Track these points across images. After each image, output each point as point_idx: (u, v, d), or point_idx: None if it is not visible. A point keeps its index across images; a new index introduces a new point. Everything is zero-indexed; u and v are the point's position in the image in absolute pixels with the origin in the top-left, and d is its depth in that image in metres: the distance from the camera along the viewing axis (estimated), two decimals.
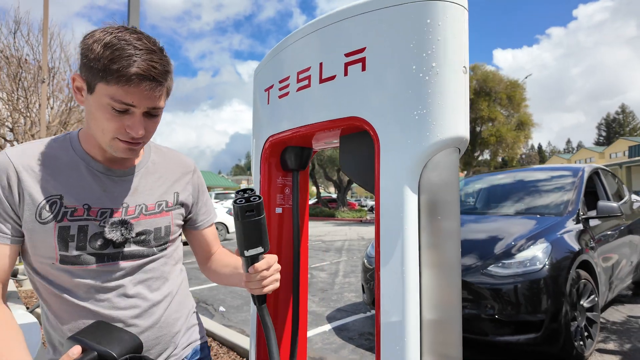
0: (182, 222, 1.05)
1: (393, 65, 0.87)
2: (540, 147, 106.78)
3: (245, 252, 0.86)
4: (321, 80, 1.01)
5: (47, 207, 0.84)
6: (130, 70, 0.77)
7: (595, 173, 4.36)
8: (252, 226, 0.84)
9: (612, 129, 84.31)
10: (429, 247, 0.84)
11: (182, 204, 1.02)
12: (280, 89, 1.16)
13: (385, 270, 0.86)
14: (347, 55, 0.95)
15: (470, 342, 3.26)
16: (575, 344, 2.89)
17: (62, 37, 13.92)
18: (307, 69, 1.05)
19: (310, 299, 4.89)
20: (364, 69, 0.92)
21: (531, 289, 2.78)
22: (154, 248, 0.96)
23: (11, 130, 13.00)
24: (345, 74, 0.95)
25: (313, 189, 33.03)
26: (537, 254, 2.92)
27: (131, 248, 0.91)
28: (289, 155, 1.21)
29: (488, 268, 2.94)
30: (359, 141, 1.00)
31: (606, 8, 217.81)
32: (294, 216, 1.22)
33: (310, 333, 3.71)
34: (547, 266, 2.85)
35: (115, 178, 0.92)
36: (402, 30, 0.86)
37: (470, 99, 21.59)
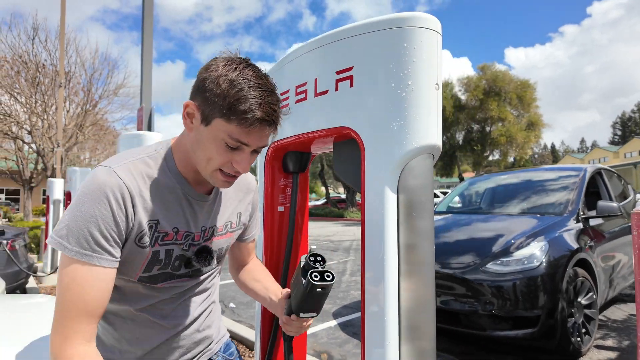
0: (243, 236, 1.12)
1: (375, 83, 1.00)
2: (553, 146, 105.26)
3: (301, 314, 0.93)
4: (316, 94, 1.16)
5: (148, 233, 0.85)
6: (255, 114, 0.77)
7: (597, 173, 4.41)
8: (317, 298, 0.89)
9: (628, 128, 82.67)
10: (405, 242, 0.98)
11: (243, 224, 1.09)
12: (282, 101, 1.30)
13: (368, 259, 1.00)
14: (337, 72, 1.09)
15: (469, 337, 3.37)
16: (572, 339, 2.97)
17: (78, 42, 14.31)
18: (305, 84, 1.20)
19: None
20: (352, 85, 1.06)
21: (528, 285, 2.88)
22: (212, 266, 1.01)
23: (29, 132, 13.42)
24: (336, 89, 1.09)
25: (322, 189, 33.18)
26: (535, 252, 3.01)
27: (194, 267, 0.96)
28: (290, 159, 1.36)
29: (487, 265, 3.04)
30: (349, 147, 1.14)
31: (621, 5, 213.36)
32: (291, 213, 1.36)
33: (316, 328, 3.85)
34: (544, 264, 2.95)
35: (200, 202, 0.94)
36: (383, 52, 0.99)
37: (480, 99, 21.39)
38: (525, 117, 22.60)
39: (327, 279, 0.87)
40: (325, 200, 28.35)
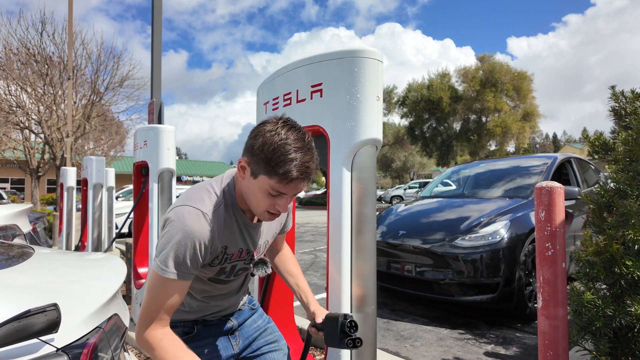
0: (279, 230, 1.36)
1: (336, 95, 1.45)
2: (555, 136, 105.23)
3: (328, 346, 1.22)
4: (298, 101, 1.60)
5: (218, 257, 1.09)
6: (291, 175, 0.94)
7: (567, 161, 4.84)
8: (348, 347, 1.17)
9: None
10: (356, 202, 1.44)
11: (281, 226, 1.36)
12: (273, 104, 1.75)
13: (332, 216, 1.46)
14: (312, 86, 1.54)
15: (441, 303, 3.85)
16: (530, 304, 3.45)
17: (84, 35, 14.63)
18: (290, 93, 1.64)
19: (313, 274, 5.53)
20: (321, 96, 1.50)
21: (491, 257, 3.34)
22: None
23: (38, 123, 13.83)
24: (311, 98, 1.54)
25: (323, 179, 33.68)
26: (498, 229, 3.48)
27: (251, 272, 1.25)
28: None
29: (456, 241, 3.51)
30: (320, 140, 1.59)
31: None
32: None
33: None
34: (505, 239, 3.41)
35: (255, 228, 1.17)
36: (341, 74, 1.44)
37: (476, 90, 21.66)
38: (522, 107, 22.93)
39: (358, 344, 1.15)
40: (325, 189, 28.80)
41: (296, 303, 4.11)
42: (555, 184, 1.66)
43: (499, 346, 2.96)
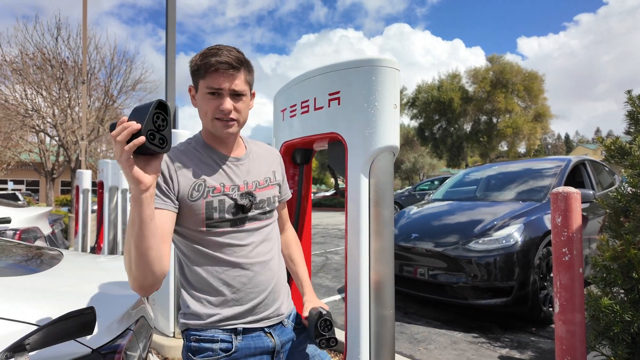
0: (279, 194, 1.31)
1: (354, 103, 1.48)
2: (567, 137, 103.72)
3: (311, 343, 1.21)
4: (315, 109, 1.64)
5: (196, 189, 1.10)
6: (211, 60, 1.05)
7: (582, 164, 4.80)
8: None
9: None
10: (374, 206, 1.46)
11: (279, 182, 1.31)
12: (291, 111, 1.79)
13: (350, 217, 1.49)
14: (330, 94, 1.57)
15: (453, 305, 3.85)
16: (544, 308, 3.43)
17: (97, 40, 14.90)
18: (307, 100, 1.68)
19: (324, 277, 5.55)
20: (339, 104, 1.54)
21: (505, 261, 3.34)
22: (267, 214, 1.21)
23: (53, 126, 14.11)
24: (329, 106, 1.57)
25: (332, 181, 33.70)
26: (512, 232, 3.47)
27: (254, 213, 1.16)
28: (297, 154, 1.85)
29: (469, 244, 3.51)
30: (338, 146, 1.62)
31: None
32: (297, 194, 1.86)
33: (323, 301, 4.37)
34: (519, 242, 3.40)
35: (235, 163, 1.19)
36: (359, 83, 1.47)
37: (487, 91, 21.49)
38: (533, 108, 22.69)
39: (332, 344, 1.13)
40: (335, 191, 28.83)
41: (324, 300, 4.14)
42: (572, 189, 1.67)
43: (513, 350, 2.95)
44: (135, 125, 0.84)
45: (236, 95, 1.10)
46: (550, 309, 3.49)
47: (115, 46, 17.70)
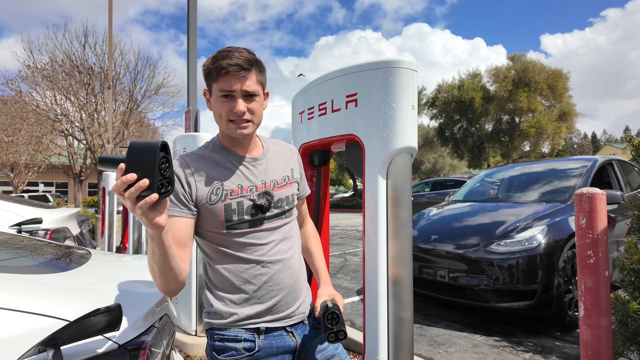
0: (297, 192, 1.31)
1: (371, 105, 1.49)
2: (594, 136, 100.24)
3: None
4: (333, 111, 1.65)
5: (214, 193, 1.12)
6: (222, 63, 1.06)
7: (609, 164, 4.64)
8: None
9: None
10: (392, 207, 1.47)
11: (297, 179, 1.31)
12: (308, 114, 1.81)
13: (367, 217, 1.50)
14: (347, 96, 1.58)
15: (474, 308, 3.79)
16: (569, 312, 3.34)
17: (122, 46, 15.36)
18: (325, 103, 1.70)
19: (343, 278, 5.55)
20: (356, 105, 1.55)
21: (527, 263, 3.26)
22: (286, 213, 1.21)
23: (81, 130, 14.62)
24: (346, 107, 1.58)
25: (351, 182, 33.61)
26: (535, 234, 3.38)
27: (272, 213, 1.17)
28: (315, 155, 1.87)
29: (491, 246, 3.45)
30: (355, 148, 1.63)
31: None
32: (316, 194, 1.87)
33: None
34: (542, 245, 3.31)
35: (252, 163, 1.19)
36: (376, 84, 1.48)
37: (509, 90, 20.97)
38: (557, 107, 22.02)
39: (341, 337, 1.10)
40: (353, 192, 28.75)
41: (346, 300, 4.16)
42: (596, 190, 1.63)
43: (537, 355, 2.88)
44: (143, 183, 0.80)
45: (249, 96, 1.11)
46: (576, 313, 3.39)
47: (139, 52, 18.20)
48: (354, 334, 3.19)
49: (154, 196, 0.83)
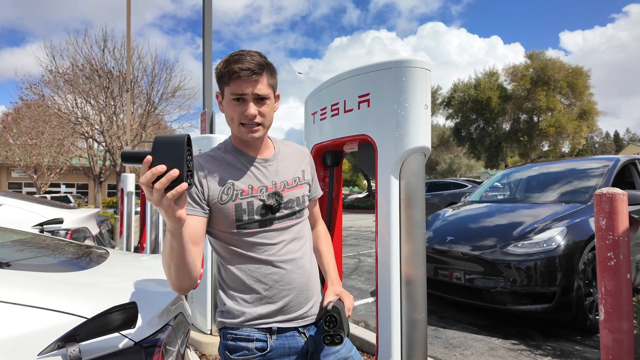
0: (309, 194, 1.31)
1: (384, 105, 1.48)
2: (617, 135, 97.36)
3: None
4: (345, 111, 1.65)
5: (225, 192, 1.14)
6: (234, 67, 1.08)
7: (632, 163, 4.51)
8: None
9: None
10: (405, 209, 1.46)
11: (308, 180, 1.31)
12: (321, 114, 1.81)
13: (380, 216, 1.49)
14: (359, 96, 1.58)
15: (490, 310, 3.72)
16: (590, 316, 3.25)
17: (140, 50, 15.68)
18: (337, 103, 1.70)
19: (357, 279, 5.54)
20: (369, 106, 1.54)
21: (546, 265, 3.19)
22: (297, 213, 1.22)
23: (101, 132, 14.97)
24: (358, 108, 1.58)
25: (365, 182, 33.49)
26: (554, 236, 3.31)
27: (282, 213, 1.18)
28: (327, 156, 1.87)
29: (507, 248, 3.38)
30: (367, 148, 1.62)
31: None
32: (329, 195, 1.87)
33: (356, 303, 4.37)
34: (562, 246, 3.24)
35: (263, 164, 1.21)
36: (389, 84, 1.47)
37: (527, 89, 20.47)
38: (577, 105, 21.46)
39: (336, 341, 1.09)
40: (367, 193, 28.64)
41: (356, 302, 4.16)
42: (617, 190, 1.58)
43: (556, 359, 2.82)
44: (174, 173, 0.83)
45: (260, 100, 1.12)
46: (597, 317, 3.29)
47: (156, 55, 18.55)
48: (368, 335, 3.18)
49: (184, 185, 0.85)
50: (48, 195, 18.95)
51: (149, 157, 0.85)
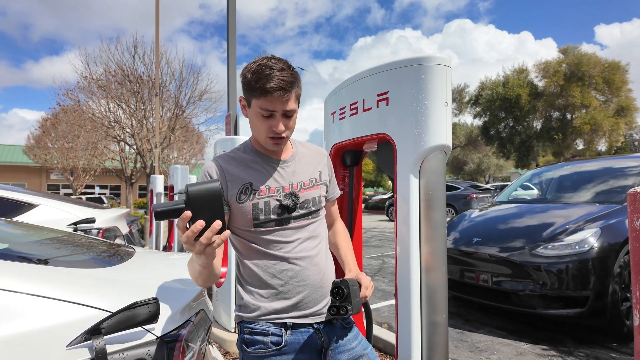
0: (326, 194, 1.34)
1: (403, 103, 1.46)
2: None
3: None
4: (364, 110, 1.64)
5: (244, 192, 1.17)
6: (267, 86, 1.08)
7: None
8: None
9: None
10: (424, 209, 1.43)
11: (325, 181, 1.33)
12: (340, 114, 1.81)
13: (400, 224, 1.47)
14: (378, 95, 1.56)
15: (519, 314, 3.60)
16: (627, 322, 3.09)
17: (168, 55, 16.15)
18: (356, 102, 1.69)
19: (381, 280, 5.49)
20: (387, 104, 1.53)
21: (577, 268, 3.06)
22: (313, 214, 1.24)
23: (132, 136, 15.51)
24: (377, 107, 1.57)
25: (389, 183, 33.12)
26: (587, 237, 3.17)
27: (298, 213, 1.21)
28: (347, 156, 1.86)
29: (537, 249, 3.27)
30: (387, 147, 1.61)
31: None
32: (349, 194, 1.87)
33: (379, 305, 4.33)
34: (595, 248, 3.09)
35: (282, 165, 1.24)
36: (408, 82, 1.45)
37: (560, 85, 19.64)
38: (614, 102, 20.44)
39: (342, 312, 1.11)
40: (392, 194, 28.28)
41: (380, 304, 4.14)
42: None
43: None
44: (217, 225, 0.90)
45: (288, 115, 1.15)
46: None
47: (184, 60, 19.07)
48: (391, 337, 3.15)
49: (227, 232, 0.90)
50: (83, 197, 19.81)
51: (188, 213, 0.87)
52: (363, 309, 1.48)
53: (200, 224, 0.84)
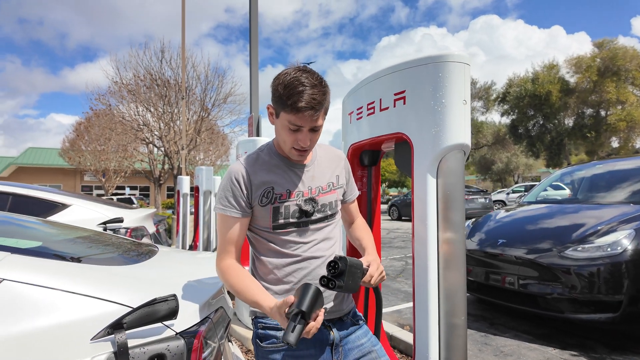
0: (342, 197, 1.38)
1: (420, 102, 1.45)
2: None
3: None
4: (381, 109, 1.63)
5: (266, 196, 1.21)
6: (298, 104, 1.09)
7: None
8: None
9: None
10: (442, 209, 1.41)
11: (342, 185, 1.37)
12: (357, 114, 1.81)
13: (417, 224, 1.46)
14: (395, 94, 1.55)
15: (547, 318, 3.48)
16: None
17: (194, 59, 16.53)
18: (373, 102, 1.68)
19: (403, 282, 5.43)
20: (405, 103, 1.51)
21: (609, 271, 2.92)
22: (329, 217, 1.29)
23: (160, 138, 15.97)
24: (394, 106, 1.56)
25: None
26: (620, 239, 3.02)
27: (316, 217, 1.25)
28: (365, 156, 1.86)
29: (566, 251, 3.15)
30: (404, 146, 1.59)
31: None
32: (367, 194, 1.86)
33: (401, 306, 4.29)
34: (629, 251, 2.95)
35: (302, 169, 1.28)
36: (425, 80, 1.43)
37: (594, 81, 18.84)
38: None
39: (331, 286, 1.10)
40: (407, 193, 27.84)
41: (386, 309, 4.10)
42: None
43: None
44: (320, 318, 1.05)
45: (314, 130, 1.18)
46: None
47: (209, 63, 19.45)
48: (408, 336, 3.11)
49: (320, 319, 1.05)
50: (114, 197, 20.56)
51: (323, 316, 1.06)
52: (375, 297, 1.48)
53: (318, 324, 1.05)
